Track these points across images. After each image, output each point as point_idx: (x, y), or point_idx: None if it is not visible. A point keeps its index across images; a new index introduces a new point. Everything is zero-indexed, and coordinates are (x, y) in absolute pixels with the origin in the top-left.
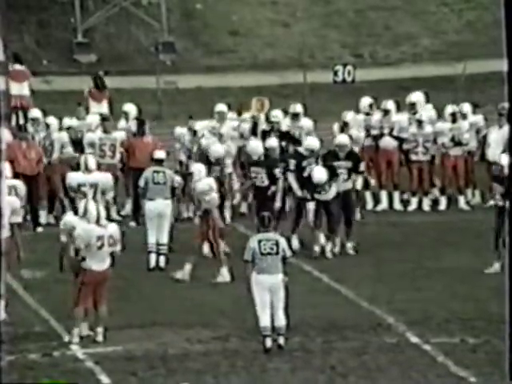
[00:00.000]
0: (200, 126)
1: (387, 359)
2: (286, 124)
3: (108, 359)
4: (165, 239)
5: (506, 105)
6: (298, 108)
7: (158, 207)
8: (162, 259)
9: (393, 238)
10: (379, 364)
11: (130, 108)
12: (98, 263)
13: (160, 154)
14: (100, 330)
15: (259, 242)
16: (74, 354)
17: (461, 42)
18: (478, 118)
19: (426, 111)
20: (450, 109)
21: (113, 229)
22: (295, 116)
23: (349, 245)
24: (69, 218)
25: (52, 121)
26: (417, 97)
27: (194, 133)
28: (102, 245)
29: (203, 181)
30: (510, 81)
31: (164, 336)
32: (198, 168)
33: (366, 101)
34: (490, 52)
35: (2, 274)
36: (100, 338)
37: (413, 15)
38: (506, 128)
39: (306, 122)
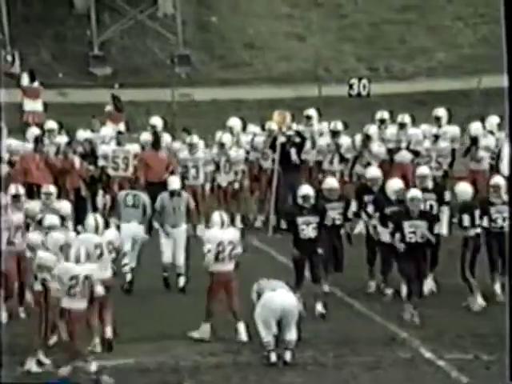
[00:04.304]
0: (196, 139)
1: (400, 374)
2: (325, 141)
3: (120, 372)
4: (181, 260)
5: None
6: (338, 126)
7: (131, 231)
8: (182, 280)
9: None
10: (392, 379)
11: (157, 121)
12: (100, 272)
13: (174, 183)
14: (97, 341)
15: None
16: (87, 366)
17: (475, 56)
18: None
19: (451, 127)
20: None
21: (111, 235)
22: (335, 134)
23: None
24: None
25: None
26: (443, 111)
27: (190, 146)
28: (102, 253)
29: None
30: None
31: (176, 349)
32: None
33: (378, 115)
34: None
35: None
36: (98, 349)
37: (428, 29)
38: None
39: (345, 140)
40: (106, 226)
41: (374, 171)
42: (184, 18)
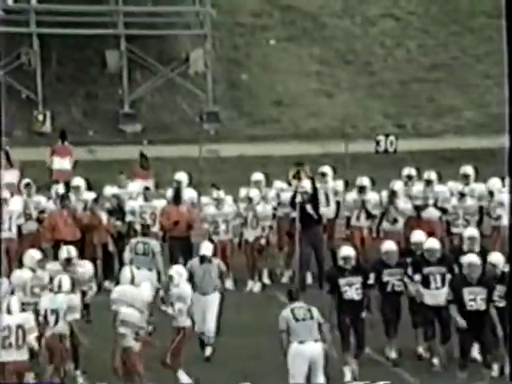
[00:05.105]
0: (223, 194)
1: None
2: (352, 197)
3: None
4: (211, 329)
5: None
6: (364, 181)
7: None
8: (208, 350)
9: None
10: None
11: (182, 177)
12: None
13: (206, 249)
14: None
15: (292, 310)
16: None
17: (503, 114)
18: None
19: (478, 185)
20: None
21: (146, 287)
22: (362, 189)
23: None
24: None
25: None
26: (471, 169)
27: (217, 202)
28: None
29: None
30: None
31: None
32: None
33: (405, 171)
34: None
35: None
36: None
37: (456, 87)
38: None
39: (372, 196)
40: None
41: (419, 235)
42: (214, 76)
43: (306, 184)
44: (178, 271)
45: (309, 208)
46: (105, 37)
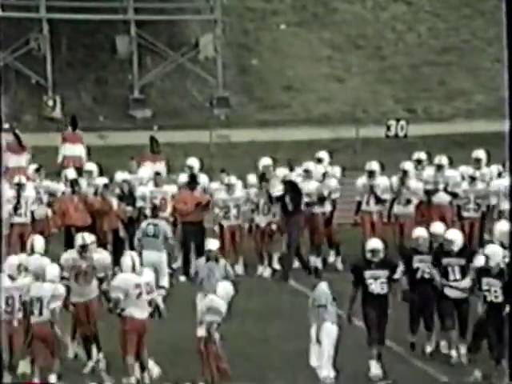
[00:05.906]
0: (234, 180)
1: None
2: (362, 182)
3: None
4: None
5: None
6: (373, 165)
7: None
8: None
9: None
10: None
11: (194, 162)
12: (139, 311)
13: (211, 244)
14: (146, 375)
15: (329, 289)
16: None
17: None
18: None
19: (489, 169)
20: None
21: (149, 276)
22: (371, 174)
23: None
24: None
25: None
26: (483, 153)
27: (228, 187)
28: (140, 293)
29: None
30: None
31: None
32: None
33: (416, 155)
34: None
35: None
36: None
37: (467, 71)
38: None
39: (382, 181)
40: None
41: (437, 227)
42: (224, 61)
43: (275, 182)
44: (132, 256)
45: (287, 199)
46: (115, 22)
